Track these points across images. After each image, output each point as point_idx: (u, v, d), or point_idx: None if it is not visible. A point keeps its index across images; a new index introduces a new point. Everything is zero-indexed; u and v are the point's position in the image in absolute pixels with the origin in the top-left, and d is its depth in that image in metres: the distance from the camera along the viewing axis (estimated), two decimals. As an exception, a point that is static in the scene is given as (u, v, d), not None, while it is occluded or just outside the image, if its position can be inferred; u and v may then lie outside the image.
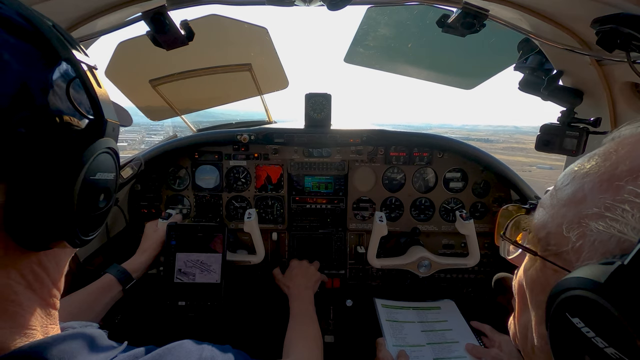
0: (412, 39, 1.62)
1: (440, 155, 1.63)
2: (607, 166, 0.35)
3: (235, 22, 1.58)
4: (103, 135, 0.43)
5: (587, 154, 0.40)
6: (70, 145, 0.39)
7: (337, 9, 1.00)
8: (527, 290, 0.44)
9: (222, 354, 0.56)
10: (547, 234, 0.40)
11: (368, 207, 1.68)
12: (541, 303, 0.38)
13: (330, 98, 1.59)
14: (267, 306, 1.62)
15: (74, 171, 0.39)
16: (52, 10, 0.87)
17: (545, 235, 0.40)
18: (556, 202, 0.40)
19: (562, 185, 0.40)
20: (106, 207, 0.47)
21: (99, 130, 0.43)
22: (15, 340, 0.38)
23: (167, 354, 0.50)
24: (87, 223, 0.44)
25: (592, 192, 0.35)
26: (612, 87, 1.09)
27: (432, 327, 1.37)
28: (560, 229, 0.37)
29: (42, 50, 0.39)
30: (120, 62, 1.65)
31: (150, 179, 1.65)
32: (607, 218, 0.32)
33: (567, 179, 0.40)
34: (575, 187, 0.38)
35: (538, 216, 0.43)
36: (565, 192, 0.39)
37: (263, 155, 1.65)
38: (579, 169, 0.39)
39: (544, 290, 0.38)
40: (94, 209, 0.44)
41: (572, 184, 0.39)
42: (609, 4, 0.80)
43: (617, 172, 0.34)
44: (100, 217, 0.47)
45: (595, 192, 0.35)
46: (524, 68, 1.25)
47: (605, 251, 0.31)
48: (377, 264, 1.49)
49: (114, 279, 1.17)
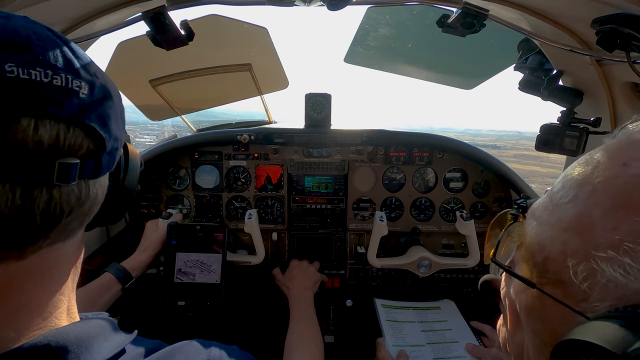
0: (412, 39, 1.63)
1: (440, 155, 1.63)
2: (619, 186, 0.29)
3: (235, 22, 1.58)
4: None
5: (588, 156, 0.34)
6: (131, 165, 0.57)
7: (337, 9, 1.00)
8: (522, 314, 0.39)
9: (229, 354, 0.57)
10: (545, 259, 0.34)
11: (368, 207, 1.68)
12: (539, 332, 0.35)
13: (330, 98, 1.59)
14: (267, 307, 1.62)
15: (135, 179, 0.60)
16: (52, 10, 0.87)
17: (542, 260, 0.34)
18: (554, 221, 0.34)
19: (561, 199, 0.34)
20: None
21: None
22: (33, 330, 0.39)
23: (177, 352, 0.51)
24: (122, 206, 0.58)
25: (602, 222, 0.29)
26: (612, 87, 1.09)
27: (432, 327, 1.37)
28: (563, 258, 0.31)
29: None
30: (120, 62, 1.65)
31: (150, 179, 1.65)
32: (626, 265, 0.26)
33: (567, 191, 0.34)
34: (580, 210, 0.31)
35: (532, 232, 0.37)
36: (566, 213, 0.33)
37: (263, 155, 1.65)
38: (582, 179, 0.33)
39: (542, 320, 0.35)
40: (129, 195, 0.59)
41: (575, 203, 0.32)
42: (609, 4, 0.80)
43: (635, 199, 0.28)
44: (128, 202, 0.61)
45: (608, 223, 0.28)
46: (524, 68, 1.25)
47: (621, 296, 0.26)
48: (377, 263, 1.49)
49: (114, 278, 1.17)
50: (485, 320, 1.35)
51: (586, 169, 0.33)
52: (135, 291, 1.24)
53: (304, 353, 1.05)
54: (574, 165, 0.36)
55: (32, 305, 0.40)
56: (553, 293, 0.33)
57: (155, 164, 1.60)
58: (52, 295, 0.43)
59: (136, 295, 1.31)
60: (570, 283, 0.30)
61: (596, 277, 0.28)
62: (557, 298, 0.32)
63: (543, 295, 0.34)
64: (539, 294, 0.35)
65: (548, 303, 0.33)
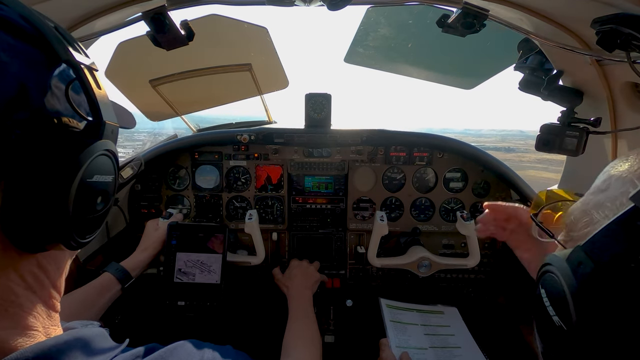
0: (412, 39, 1.62)
1: (440, 155, 1.63)
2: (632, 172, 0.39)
3: (236, 22, 1.58)
4: (101, 138, 0.43)
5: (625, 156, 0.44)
6: (67, 146, 0.39)
7: (337, 9, 1.00)
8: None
9: (223, 355, 0.56)
10: (572, 220, 0.45)
11: (368, 207, 1.68)
12: None
13: (330, 98, 1.59)
14: (267, 307, 1.62)
15: (71, 173, 0.39)
16: (52, 10, 0.87)
17: (570, 221, 0.45)
18: (586, 194, 0.45)
19: (598, 179, 0.45)
20: (104, 209, 0.47)
21: (97, 132, 0.43)
22: (16, 341, 0.38)
23: (169, 355, 0.50)
24: (84, 225, 0.43)
25: (615, 183, 0.40)
26: (612, 87, 1.09)
27: (435, 330, 1.37)
28: (581, 215, 0.42)
29: (42, 51, 0.38)
30: (120, 62, 1.65)
31: (150, 179, 1.65)
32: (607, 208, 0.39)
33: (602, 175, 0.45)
34: (604, 178, 0.43)
35: (573, 205, 0.47)
36: (595, 183, 0.45)
37: (263, 155, 1.64)
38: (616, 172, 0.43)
39: None
40: (91, 211, 0.44)
41: (602, 175, 0.44)
42: (609, 4, 0.80)
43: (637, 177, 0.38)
44: (98, 220, 0.46)
45: (617, 184, 0.39)
46: (524, 68, 1.25)
47: None
48: (377, 263, 1.49)
49: (113, 278, 1.17)
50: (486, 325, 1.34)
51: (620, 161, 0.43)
52: (135, 291, 1.24)
53: (303, 352, 1.05)
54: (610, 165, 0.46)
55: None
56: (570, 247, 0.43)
57: (156, 164, 1.60)
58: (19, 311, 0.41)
59: (136, 295, 1.31)
60: (578, 236, 0.43)
61: (592, 225, 0.41)
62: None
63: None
64: (561, 248, 0.47)
65: None
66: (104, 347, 0.47)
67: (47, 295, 0.44)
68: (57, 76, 0.40)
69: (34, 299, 0.42)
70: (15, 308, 0.40)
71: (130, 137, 7.03)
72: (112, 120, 0.46)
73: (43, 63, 0.38)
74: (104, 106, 0.44)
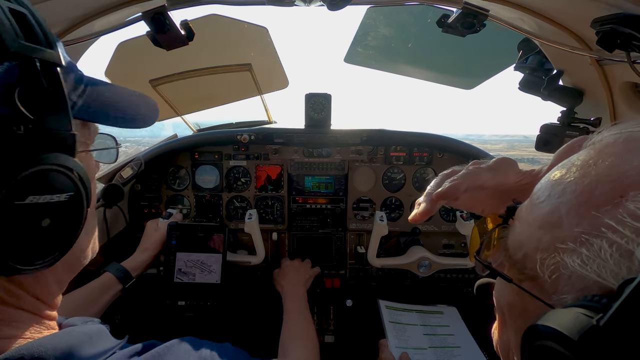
0: (412, 39, 1.62)
1: (440, 155, 1.63)
2: (585, 185, 0.31)
3: (236, 22, 1.58)
4: (47, 148, 0.36)
5: (569, 160, 0.36)
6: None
7: (337, 9, 1.00)
8: (505, 312, 0.41)
9: (221, 353, 0.56)
10: (524, 255, 0.35)
11: (368, 207, 1.68)
12: (519, 329, 0.35)
13: (330, 98, 1.59)
14: (267, 307, 1.62)
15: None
16: (52, 10, 0.87)
17: (521, 257, 0.36)
18: (532, 220, 0.36)
19: (539, 199, 0.36)
20: (60, 230, 0.40)
21: (44, 141, 0.36)
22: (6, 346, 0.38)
23: (166, 352, 0.50)
24: (25, 251, 0.37)
25: (568, 218, 0.31)
26: (613, 87, 1.09)
27: (434, 330, 1.37)
28: (536, 254, 0.33)
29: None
30: (120, 62, 1.65)
31: (150, 179, 1.65)
32: (584, 255, 0.28)
33: (544, 192, 0.35)
34: (551, 207, 0.33)
35: (514, 231, 0.39)
36: (541, 211, 0.35)
37: (263, 155, 1.64)
38: (557, 180, 0.35)
39: (522, 316, 0.36)
40: (31, 235, 0.37)
41: (548, 201, 0.34)
42: (609, 4, 0.80)
43: (595, 197, 0.30)
44: (54, 242, 0.40)
45: (572, 219, 0.31)
46: (524, 68, 1.25)
47: (583, 287, 0.28)
48: (377, 263, 1.49)
49: (114, 278, 1.17)
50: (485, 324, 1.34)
51: (562, 170, 0.35)
52: (136, 291, 1.24)
53: (300, 350, 1.05)
54: (555, 168, 0.37)
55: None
56: (529, 288, 0.34)
57: (156, 164, 1.60)
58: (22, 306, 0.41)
59: (136, 295, 1.31)
60: (543, 280, 0.32)
61: (560, 270, 0.30)
62: (533, 293, 0.33)
63: (522, 291, 0.35)
64: (519, 290, 0.36)
65: (526, 299, 0.34)
66: (104, 343, 0.47)
67: (30, 306, 0.43)
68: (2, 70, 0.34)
69: (12, 311, 0.41)
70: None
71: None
72: (67, 128, 0.39)
73: None
74: (56, 109, 0.37)
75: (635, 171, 0.28)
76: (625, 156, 0.30)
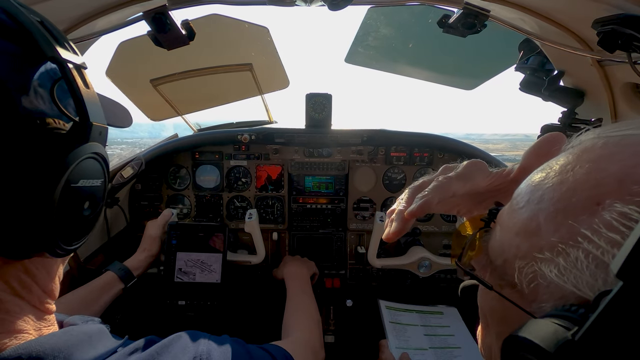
0: (413, 40, 1.62)
1: (441, 155, 1.63)
2: (563, 192, 0.30)
3: (236, 22, 1.58)
4: (88, 140, 0.41)
5: (548, 164, 0.35)
6: (51, 149, 0.37)
7: (338, 9, 1.00)
8: (487, 315, 0.40)
9: (218, 345, 0.57)
10: (504, 262, 0.35)
11: (368, 207, 1.68)
12: (500, 334, 0.35)
13: (330, 98, 1.59)
14: (267, 306, 1.62)
15: (54, 177, 0.37)
16: (52, 10, 0.87)
17: (502, 263, 0.35)
18: (512, 225, 0.35)
19: (518, 205, 0.34)
20: (92, 215, 0.45)
21: (84, 134, 0.41)
22: (5, 344, 0.38)
23: (164, 350, 0.50)
24: (70, 232, 0.42)
25: (546, 225, 0.30)
26: (613, 87, 1.09)
27: (434, 331, 1.37)
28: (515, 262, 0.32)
29: (25, 48, 0.37)
30: (121, 62, 1.65)
31: (151, 178, 1.65)
32: (560, 266, 0.27)
33: (524, 197, 0.34)
34: (530, 214, 0.32)
35: (495, 236, 0.38)
36: (520, 217, 0.33)
37: (264, 155, 1.65)
38: (536, 186, 0.33)
39: (503, 322, 0.36)
40: (77, 217, 0.42)
41: (527, 207, 0.33)
42: (610, 4, 0.80)
43: (572, 204, 0.29)
44: (86, 226, 0.45)
45: (549, 226, 0.30)
46: (525, 68, 1.25)
47: (561, 296, 0.28)
48: (377, 264, 1.49)
49: (116, 277, 1.17)
50: None
51: (542, 175, 0.34)
52: (136, 290, 1.24)
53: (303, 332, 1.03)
54: (535, 171, 0.36)
55: None
56: (510, 295, 0.33)
57: (156, 163, 1.60)
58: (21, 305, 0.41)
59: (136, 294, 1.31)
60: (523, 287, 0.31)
61: (538, 280, 0.30)
62: (513, 300, 0.33)
63: (503, 297, 0.35)
64: (500, 296, 0.35)
65: (507, 305, 0.34)
66: (104, 343, 0.47)
67: (36, 300, 0.43)
68: (41, 74, 0.38)
69: (22, 304, 0.41)
70: (2, 314, 0.39)
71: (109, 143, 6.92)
72: (101, 121, 0.44)
73: (25, 61, 0.37)
74: (92, 107, 0.42)
75: (611, 178, 0.28)
76: (602, 163, 0.29)
